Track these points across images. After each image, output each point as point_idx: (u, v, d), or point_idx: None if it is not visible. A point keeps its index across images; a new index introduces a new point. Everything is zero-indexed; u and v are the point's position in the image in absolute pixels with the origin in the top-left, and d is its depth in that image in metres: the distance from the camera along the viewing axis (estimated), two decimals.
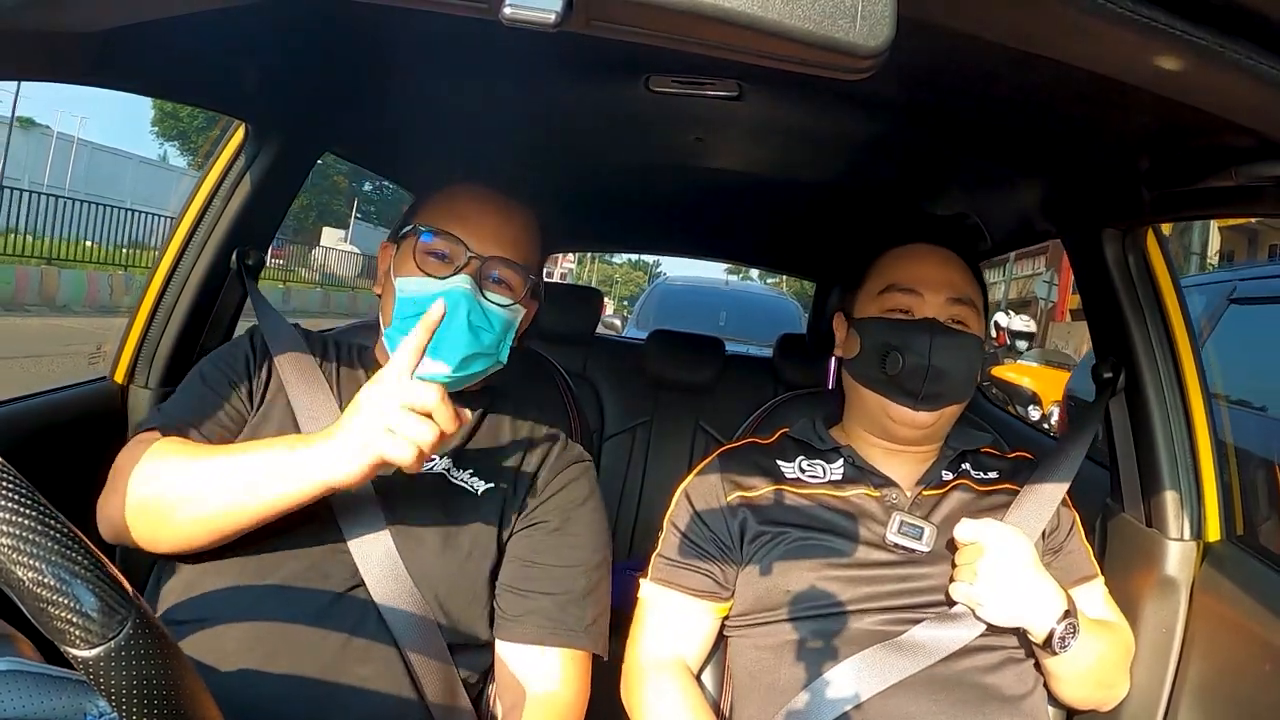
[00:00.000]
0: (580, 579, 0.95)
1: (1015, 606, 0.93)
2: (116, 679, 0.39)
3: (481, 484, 0.96)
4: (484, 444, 1.00)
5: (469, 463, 0.97)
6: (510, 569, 0.95)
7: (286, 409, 0.95)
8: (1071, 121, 0.97)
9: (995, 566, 0.93)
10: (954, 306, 1.04)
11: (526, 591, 0.93)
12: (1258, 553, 1.03)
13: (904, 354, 1.00)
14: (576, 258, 29.67)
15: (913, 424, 1.02)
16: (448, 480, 0.95)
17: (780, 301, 6.68)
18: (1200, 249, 10.88)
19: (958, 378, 1.01)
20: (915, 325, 1.02)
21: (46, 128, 24.21)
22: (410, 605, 0.88)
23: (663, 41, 0.42)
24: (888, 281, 1.06)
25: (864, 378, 1.06)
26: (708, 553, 1.04)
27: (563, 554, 0.95)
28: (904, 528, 0.99)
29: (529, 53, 1.03)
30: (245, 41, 0.98)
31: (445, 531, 0.92)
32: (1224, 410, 2.64)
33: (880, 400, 1.04)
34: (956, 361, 1.00)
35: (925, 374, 0.99)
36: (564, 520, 0.97)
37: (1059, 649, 0.92)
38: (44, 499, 0.40)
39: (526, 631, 0.92)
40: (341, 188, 30.34)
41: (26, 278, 11.11)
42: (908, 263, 1.07)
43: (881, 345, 1.03)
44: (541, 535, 0.96)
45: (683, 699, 0.98)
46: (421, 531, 0.91)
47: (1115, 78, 0.50)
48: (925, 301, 1.04)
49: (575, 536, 0.97)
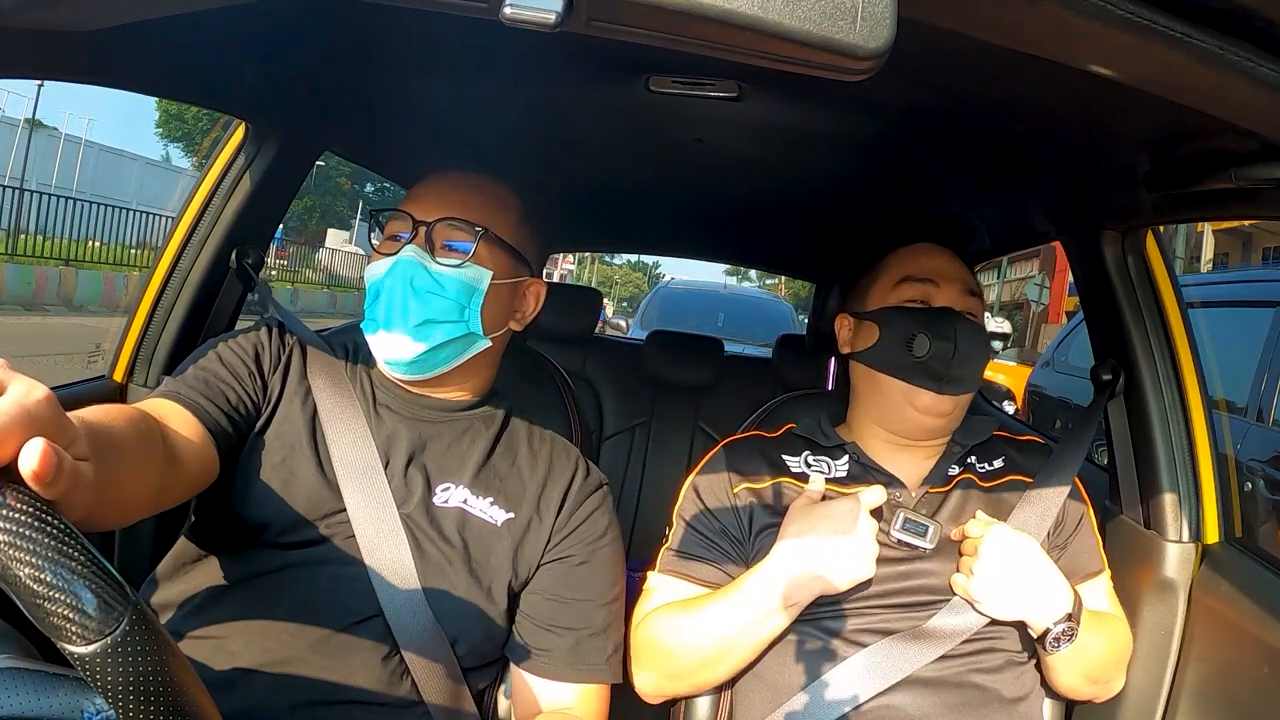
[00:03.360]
0: (602, 612, 0.95)
1: (1013, 602, 0.94)
2: (113, 675, 0.39)
3: (501, 514, 0.94)
4: (501, 469, 0.97)
5: (487, 490, 0.95)
6: (533, 601, 0.94)
7: (309, 407, 0.93)
8: (1071, 123, 0.97)
9: (995, 562, 0.94)
10: (967, 298, 1.06)
11: (551, 626, 0.93)
12: (1256, 554, 1.04)
13: (931, 337, 1.01)
14: (576, 259, 29.68)
15: (936, 411, 1.02)
16: (466, 513, 0.93)
17: (775, 304, 7.10)
18: (1185, 253, 10.87)
19: (977, 364, 1.04)
20: (938, 311, 1.04)
21: (54, 129, 24.21)
22: (428, 635, 0.87)
23: (663, 41, 0.42)
24: (903, 274, 1.08)
25: (887, 364, 1.05)
26: (716, 545, 1.04)
27: (587, 588, 0.95)
28: (908, 524, 0.99)
29: (529, 53, 1.03)
30: (245, 41, 0.98)
31: (467, 566, 0.90)
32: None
33: (904, 387, 1.03)
34: (976, 347, 1.03)
35: (952, 356, 1.00)
36: (589, 554, 0.96)
37: (1050, 648, 0.93)
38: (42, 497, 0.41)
39: (549, 667, 0.92)
40: (346, 190, 30.35)
41: (46, 278, 11.24)
42: (921, 256, 1.10)
43: (906, 330, 1.03)
44: (566, 569, 0.95)
45: (687, 600, 0.99)
46: (444, 567, 0.89)
47: (1115, 80, 0.50)
48: (942, 291, 1.06)
49: (599, 570, 0.96)
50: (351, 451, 0.90)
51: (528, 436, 1.02)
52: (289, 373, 0.95)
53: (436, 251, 0.92)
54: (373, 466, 0.90)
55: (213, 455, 0.83)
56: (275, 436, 0.91)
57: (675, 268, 32.46)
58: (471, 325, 0.93)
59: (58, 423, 0.45)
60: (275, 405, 0.93)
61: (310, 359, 0.97)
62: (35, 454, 0.41)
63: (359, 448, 0.91)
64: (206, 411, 0.85)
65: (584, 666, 0.93)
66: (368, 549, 0.87)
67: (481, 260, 0.93)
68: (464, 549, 0.91)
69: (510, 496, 0.95)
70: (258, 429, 0.91)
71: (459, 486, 0.94)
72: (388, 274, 0.90)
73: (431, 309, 0.89)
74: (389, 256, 0.91)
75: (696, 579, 1.02)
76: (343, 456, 0.90)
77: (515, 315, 1.01)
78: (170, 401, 0.84)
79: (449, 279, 0.91)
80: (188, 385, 0.87)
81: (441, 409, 0.98)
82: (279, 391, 0.94)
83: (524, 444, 1.01)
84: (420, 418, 0.96)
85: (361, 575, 0.86)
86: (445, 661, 0.87)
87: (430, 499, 0.92)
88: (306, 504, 0.88)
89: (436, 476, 0.94)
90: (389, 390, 0.97)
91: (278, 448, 0.90)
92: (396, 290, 0.89)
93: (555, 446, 1.03)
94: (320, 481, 0.89)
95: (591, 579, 0.95)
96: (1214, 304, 3.26)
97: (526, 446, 1.01)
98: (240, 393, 0.90)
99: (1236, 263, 10.89)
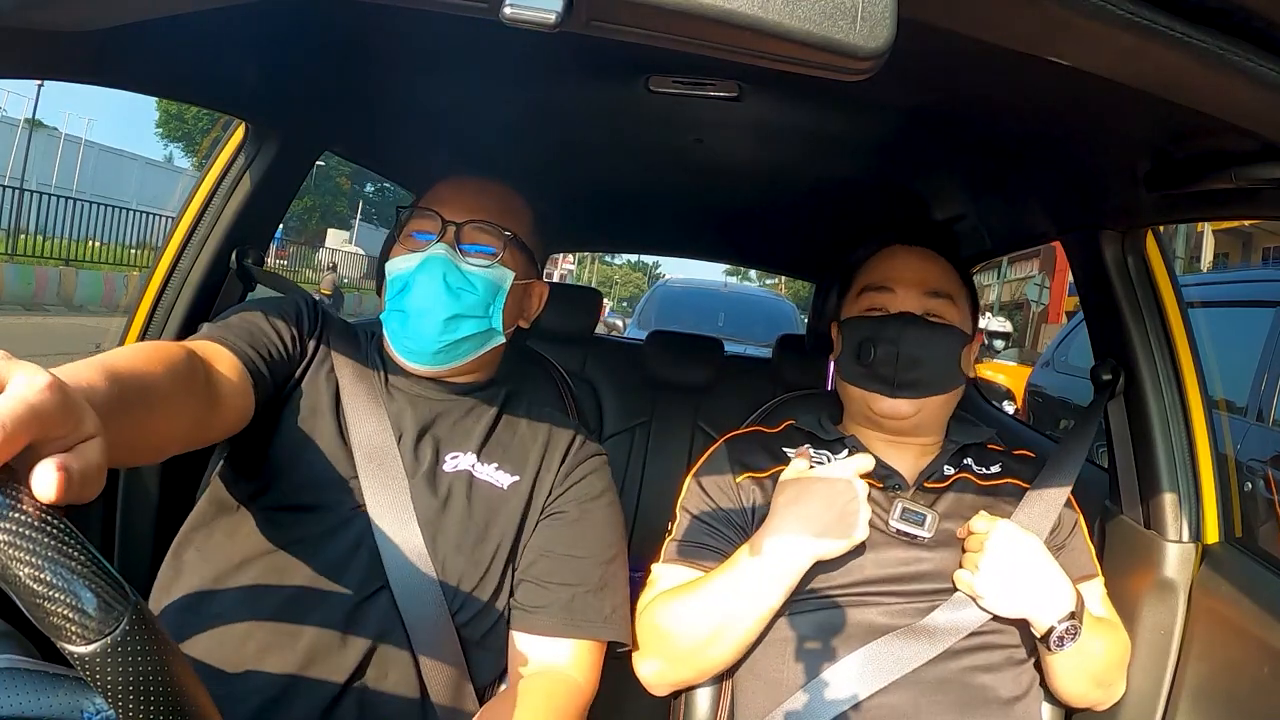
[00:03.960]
0: (598, 570, 0.96)
1: (1017, 599, 0.94)
2: (113, 675, 0.39)
3: (506, 479, 0.97)
4: (505, 439, 1.01)
5: (492, 458, 0.99)
6: (528, 559, 0.96)
7: (332, 382, 0.96)
8: (1071, 123, 0.97)
9: (1000, 558, 0.94)
10: (929, 300, 1.07)
11: (545, 583, 0.94)
12: (1256, 554, 1.04)
13: (876, 344, 1.04)
14: (576, 259, 29.69)
15: (894, 414, 1.05)
16: (473, 477, 0.96)
17: (777, 303, 6.76)
18: (1185, 253, 10.87)
19: (933, 365, 1.04)
20: (887, 318, 1.06)
21: (54, 129, 24.20)
22: (432, 606, 0.88)
23: (663, 42, 0.42)
24: (864, 283, 1.11)
25: (846, 374, 1.10)
26: (721, 533, 1.04)
27: (580, 545, 0.96)
28: (906, 514, 1.00)
29: (529, 53, 1.03)
30: (245, 41, 0.98)
31: (474, 529, 0.93)
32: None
33: (861, 393, 1.07)
34: (929, 349, 1.04)
35: (896, 361, 1.03)
36: (582, 513, 0.98)
37: (1055, 647, 0.93)
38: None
39: (544, 623, 0.93)
40: (346, 190, 30.38)
41: (46, 278, 11.26)
42: (882, 264, 1.12)
43: (858, 340, 1.07)
44: (560, 526, 0.97)
45: (686, 584, 0.99)
46: (451, 530, 0.92)
47: (1115, 80, 0.50)
48: (898, 297, 1.08)
49: (594, 527, 0.98)
50: (368, 425, 0.94)
51: (528, 413, 1.06)
52: (319, 344, 0.99)
53: (463, 250, 0.96)
54: (387, 441, 0.94)
55: (250, 400, 0.86)
56: (300, 400, 0.95)
57: (675, 268, 32.02)
58: (494, 322, 0.98)
59: (63, 411, 0.44)
60: (306, 368, 0.97)
61: (336, 338, 1.01)
62: (48, 483, 0.40)
63: (375, 423, 0.95)
64: (249, 357, 0.88)
65: (579, 622, 0.93)
66: (377, 519, 0.89)
67: (506, 262, 0.99)
68: (469, 513, 0.94)
69: (515, 462, 0.99)
70: (289, 387, 0.95)
71: (466, 454, 0.98)
72: (419, 268, 0.94)
73: (462, 304, 0.94)
74: (417, 252, 0.95)
75: (700, 566, 1.03)
76: (360, 428, 0.94)
77: (524, 314, 1.07)
78: (215, 344, 0.86)
79: (479, 277, 0.96)
80: (233, 331, 0.90)
81: (450, 391, 1.02)
82: (311, 357, 0.98)
83: (525, 418, 1.05)
84: (429, 397, 1.01)
85: (369, 546, 0.88)
86: (447, 638, 0.89)
87: (439, 467, 0.96)
88: (322, 468, 0.91)
89: (445, 447, 0.98)
90: (399, 374, 1.01)
91: (304, 407, 0.94)
92: (429, 285, 0.93)
93: (555, 419, 1.07)
94: (338, 448, 0.93)
95: (586, 536, 0.97)
96: (1214, 304, 3.26)
97: (527, 421, 1.05)
98: (280, 347, 0.93)
99: (1236, 263, 10.89)
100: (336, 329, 1.02)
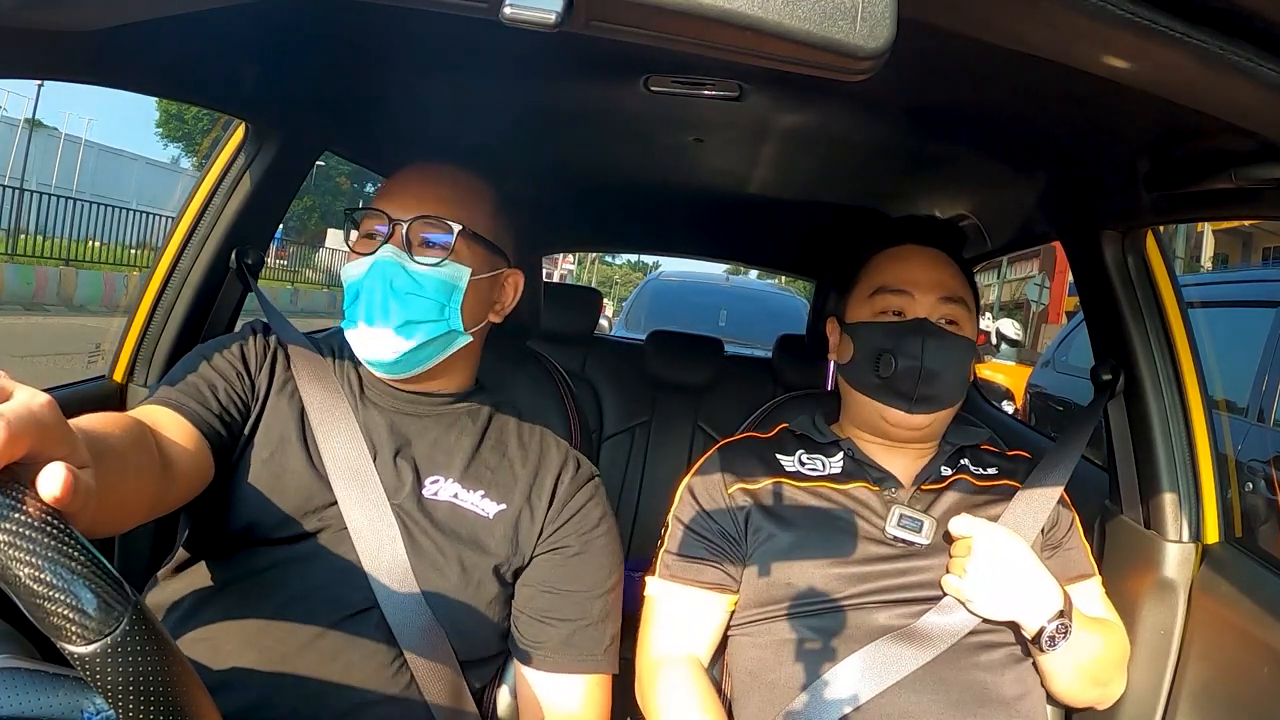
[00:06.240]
0: (598, 603, 0.94)
1: (1004, 602, 0.94)
2: (113, 675, 0.39)
3: (493, 506, 0.93)
4: (491, 462, 0.97)
5: (477, 483, 0.94)
6: (527, 594, 0.93)
7: (296, 403, 0.93)
8: (1071, 124, 0.97)
9: (985, 562, 0.94)
10: (946, 306, 1.04)
11: (546, 618, 0.93)
12: (1256, 554, 1.04)
13: (897, 356, 1.01)
14: (576, 259, 29.66)
15: (909, 426, 1.03)
16: (457, 507, 0.92)
17: (787, 299, 5.80)
18: (1185, 253, 10.86)
19: (951, 379, 1.02)
20: (907, 326, 1.03)
21: (54, 129, 24.20)
22: (424, 627, 0.87)
23: (662, 42, 0.42)
24: (878, 284, 1.07)
25: (858, 383, 1.07)
26: (715, 545, 1.04)
27: (582, 579, 0.94)
28: (903, 520, 0.99)
29: (528, 53, 1.03)
30: (245, 41, 0.98)
31: (460, 560, 0.90)
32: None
33: (875, 405, 1.04)
34: (949, 363, 1.01)
35: (918, 376, 1.00)
36: (584, 545, 0.95)
37: (1047, 647, 0.93)
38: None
39: (547, 660, 0.92)
40: (346, 190, 30.34)
41: (46, 278, 11.24)
42: (897, 264, 1.08)
43: (874, 349, 1.03)
44: (561, 560, 0.94)
45: (696, 695, 0.98)
46: (436, 558, 0.89)
47: (1115, 80, 0.50)
48: (916, 302, 1.04)
49: (594, 560, 0.95)
50: (340, 445, 0.90)
51: (517, 429, 1.02)
52: (274, 371, 0.95)
53: (414, 249, 0.92)
54: (362, 459, 0.90)
55: (207, 459, 0.84)
56: (264, 434, 0.91)
57: (675, 267, 31.78)
58: (452, 323, 0.93)
59: (60, 429, 0.45)
60: (263, 404, 0.93)
61: (295, 357, 0.97)
62: (57, 481, 0.41)
63: (347, 442, 0.91)
64: (199, 415, 0.85)
65: (581, 657, 0.92)
66: (360, 540, 0.87)
67: (460, 257, 0.93)
68: (456, 541, 0.91)
69: (501, 488, 0.95)
70: (248, 429, 0.91)
71: (449, 480, 0.94)
72: (366, 275, 0.90)
73: (412, 309, 0.89)
74: (366, 256, 0.91)
75: (697, 581, 1.03)
76: (331, 451, 0.90)
77: (494, 308, 1.01)
78: (163, 408, 0.84)
79: (428, 278, 0.91)
80: (179, 391, 0.87)
81: (427, 403, 0.98)
82: (265, 390, 0.94)
83: (513, 436, 1.01)
84: (406, 411, 0.97)
85: (355, 568, 0.86)
86: (442, 653, 0.88)
87: (420, 490, 0.92)
88: (298, 498, 0.88)
89: (425, 469, 0.94)
90: (375, 386, 0.98)
91: (266, 444, 0.90)
92: (376, 291, 0.89)
93: (545, 439, 1.02)
94: (311, 475, 0.89)
95: (586, 570, 0.95)
96: (1214, 304, 3.25)
97: (516, 439, 1.00)
98: (230, 394, 0.90)
99: (1236, 263, 10.88)
100: (297, 348, 0.97)
